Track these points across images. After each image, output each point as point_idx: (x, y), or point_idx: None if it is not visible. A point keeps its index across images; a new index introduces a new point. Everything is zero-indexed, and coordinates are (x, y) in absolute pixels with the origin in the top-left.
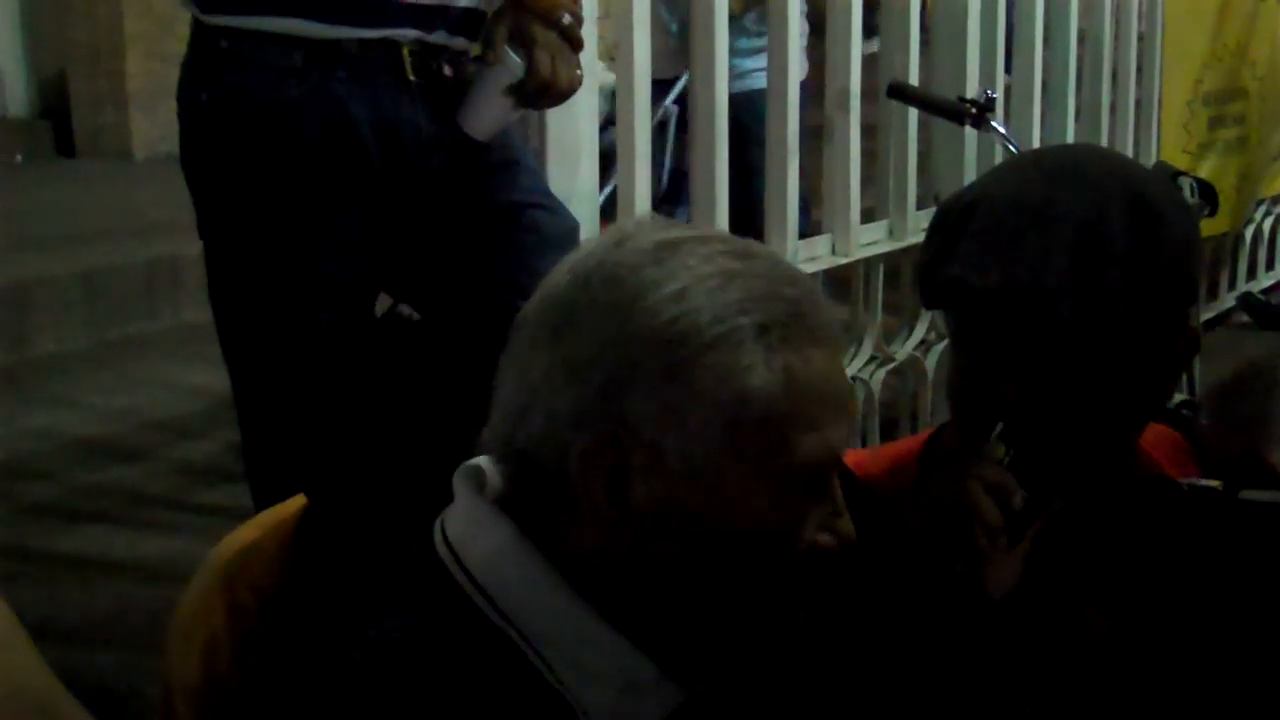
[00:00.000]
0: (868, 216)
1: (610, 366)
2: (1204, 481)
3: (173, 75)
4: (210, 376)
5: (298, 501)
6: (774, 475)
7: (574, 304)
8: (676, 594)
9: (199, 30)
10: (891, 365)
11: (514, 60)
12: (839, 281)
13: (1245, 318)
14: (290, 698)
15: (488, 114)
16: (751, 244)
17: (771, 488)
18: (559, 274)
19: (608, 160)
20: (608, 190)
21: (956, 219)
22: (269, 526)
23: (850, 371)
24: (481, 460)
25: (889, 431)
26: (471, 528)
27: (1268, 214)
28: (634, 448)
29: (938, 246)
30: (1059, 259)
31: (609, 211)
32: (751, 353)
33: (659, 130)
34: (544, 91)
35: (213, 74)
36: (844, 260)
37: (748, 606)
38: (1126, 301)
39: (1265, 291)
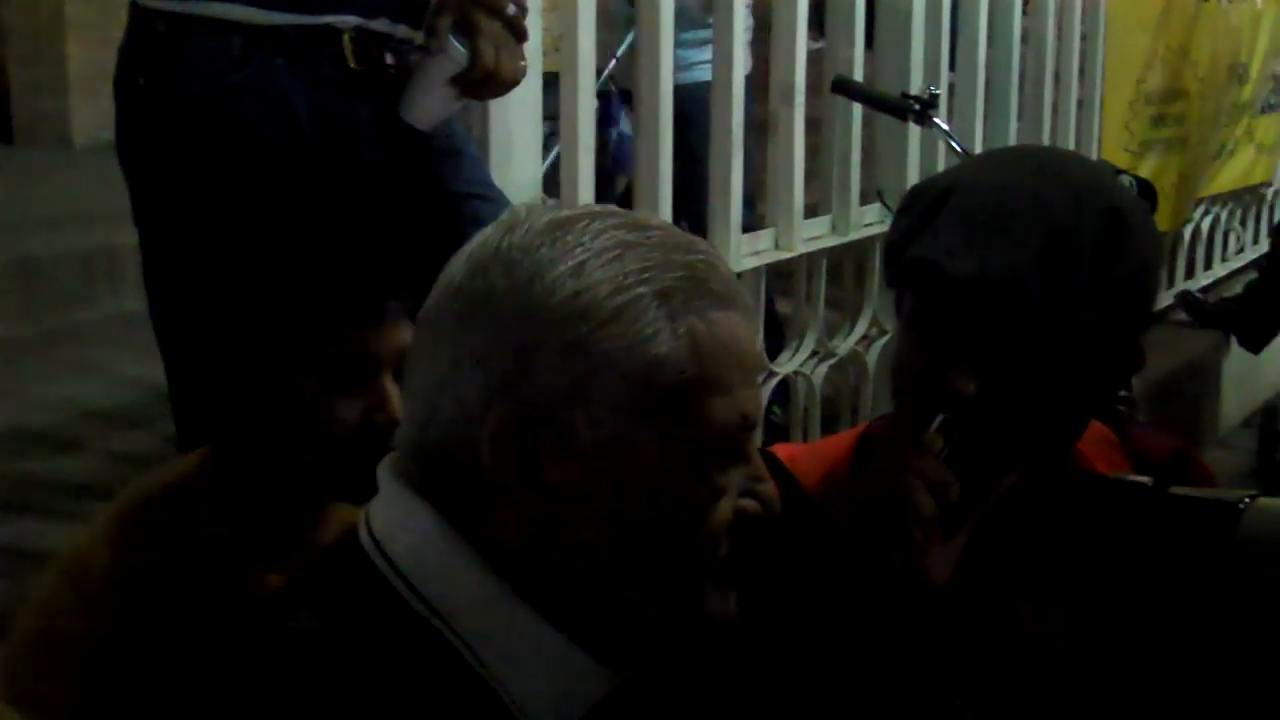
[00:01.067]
0: (811, 211)
1: (513, 349)
2: (1134, 477)
3: (113, 60)
4: (148, 367)
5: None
6: (688, 443)
7: (473, 293)
8: (602, 577)
9: (136, 14)
10: (833, 360)
11: (458, 50)
12: (782, 276)
13: (1183, 316)
14: (211, 689)
15: (430, 104)
16: (646, 216)
17: (687, 456)
18: (455, 266)
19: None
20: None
21: (931, 202)
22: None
23: (792, 366)
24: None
25: (830, 426)
26: (395, 518)
27: (1206, 213)
28: (544, 428)
29: (909, 227)
30: (1031, 254)
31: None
32: (654, 321)
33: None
34: (487, 82)
35: (150, 59)
36: (787, 255)
37: (677, 585)
38: (1091, 305)
39: (1203, 290)
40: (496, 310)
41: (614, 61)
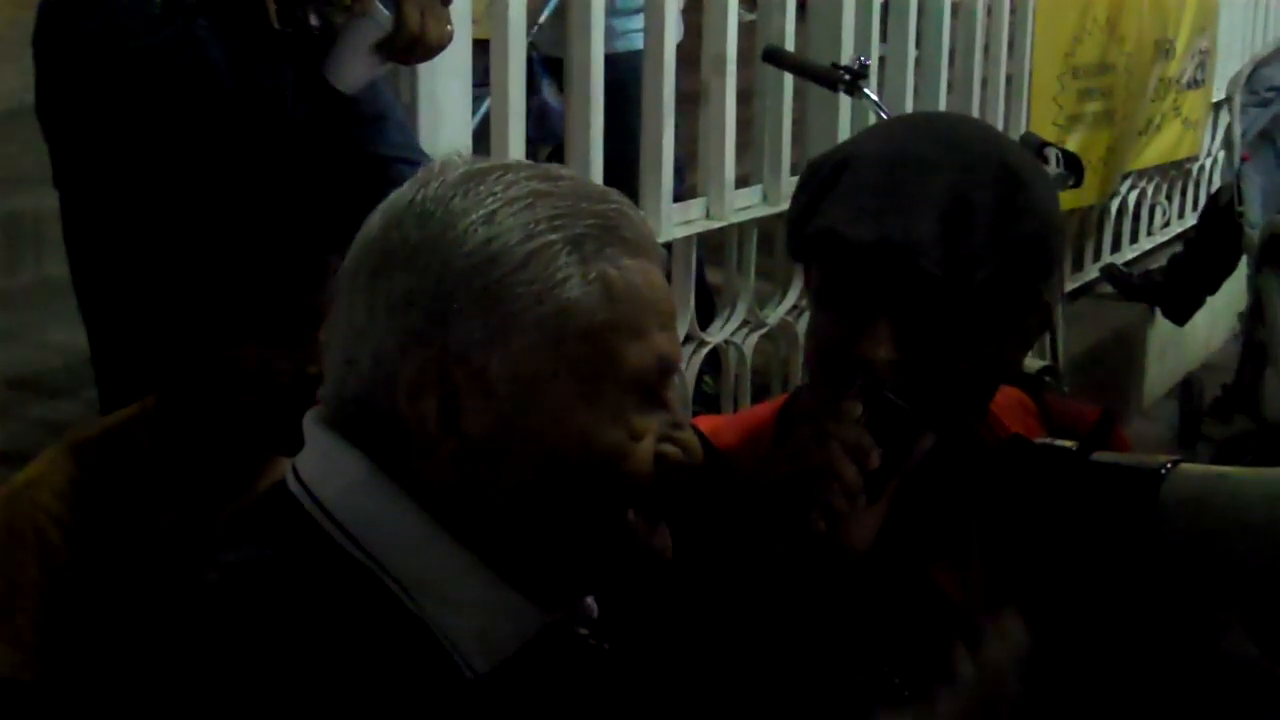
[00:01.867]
0: (742, 182)
1: (428, 298)
2: (1057, 442)
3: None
4: (72, 333)
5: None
6: (604, 387)
7: (388, 244)
8: (528, 520)
9: None
10: (763, 330)
11: (382, 13)
12: (712, 246)
13: (1109, 288)
14: (141, 622)
15: (355, 67)
16: (557, 167)
17: (604, 401)
18: (371, 221)
19: None
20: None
21: (828, 174)
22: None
23: (722, 336)
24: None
25: (760, 395)
26: (324, 465)
27: (1132, 188)
28: (460, 375)
29: (808, 200)
30: (929, 217)
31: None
32: (566, 266)
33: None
34: (412, 46)
35: (70, 19)
36: (718, 224)
37: (600, 527)
38: (988, 265)
39: (1128, 264)
40: (409, 260)
41: (536, 28)
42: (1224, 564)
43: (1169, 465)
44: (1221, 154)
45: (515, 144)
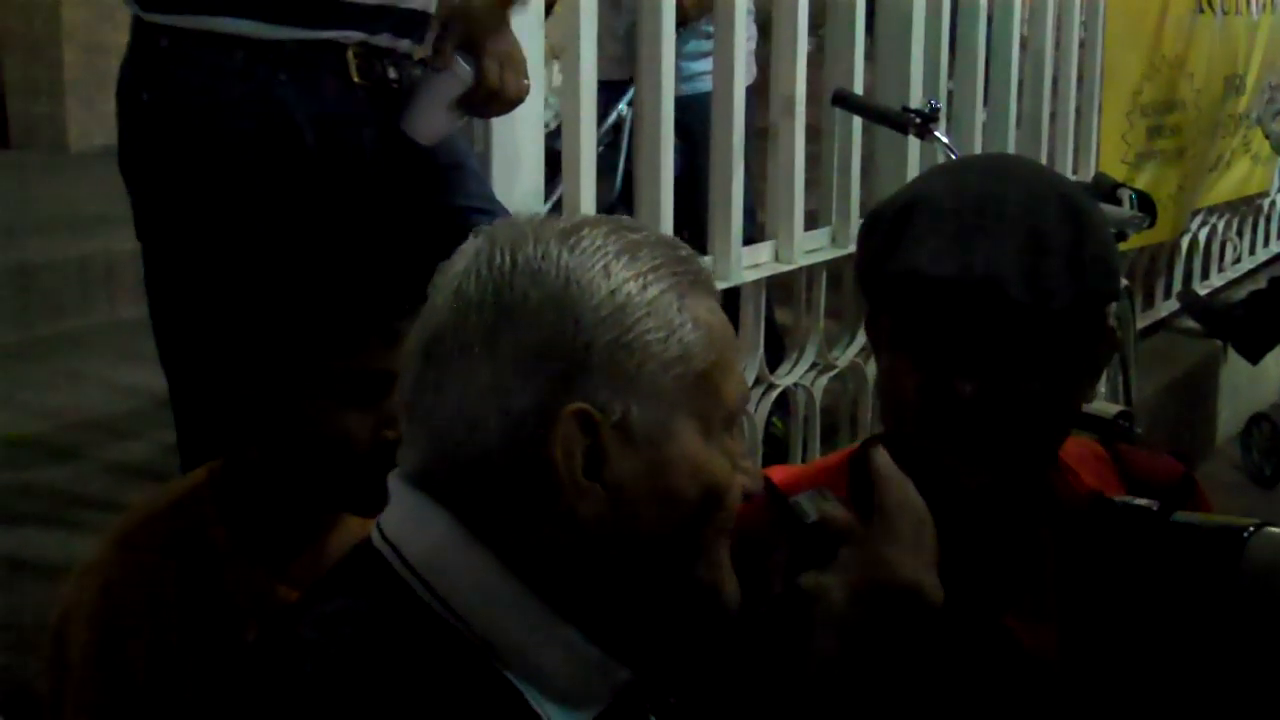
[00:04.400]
0: (810, 219)
1: (562, 353)
2: (1138, 501)
3: (110, 66)
4: (144, 375)
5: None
6: (714, 423)
7: (501, 307)
8: (646, 571)
9: (139, 28)
10: (833, 372)
11: (464, 69)
12: (781, 286)
13: (1182, 323)
14: (232, 695)
15: (433, 120)
16: (626, 219)
17: (715, 433)
18: (449, 286)
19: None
20: (554, 197)
21: (894, 219)
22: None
23: (792, 379)
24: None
25: (829, 437)
26: (410, 523)
27: (1203, 224)
28: (605, 424)
29: (881, 244)
30: (1007, 248)
31: None
32: (680, 313)
33: (614, 134)
34: (491, 100)
35: (153, 73)
36: (787, 268)
37: (709, 566)
38: (1066, 291)
39: None
40: (535, 319)
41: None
42: None
43: (1252, 529)
44: None
45: (586, 190)
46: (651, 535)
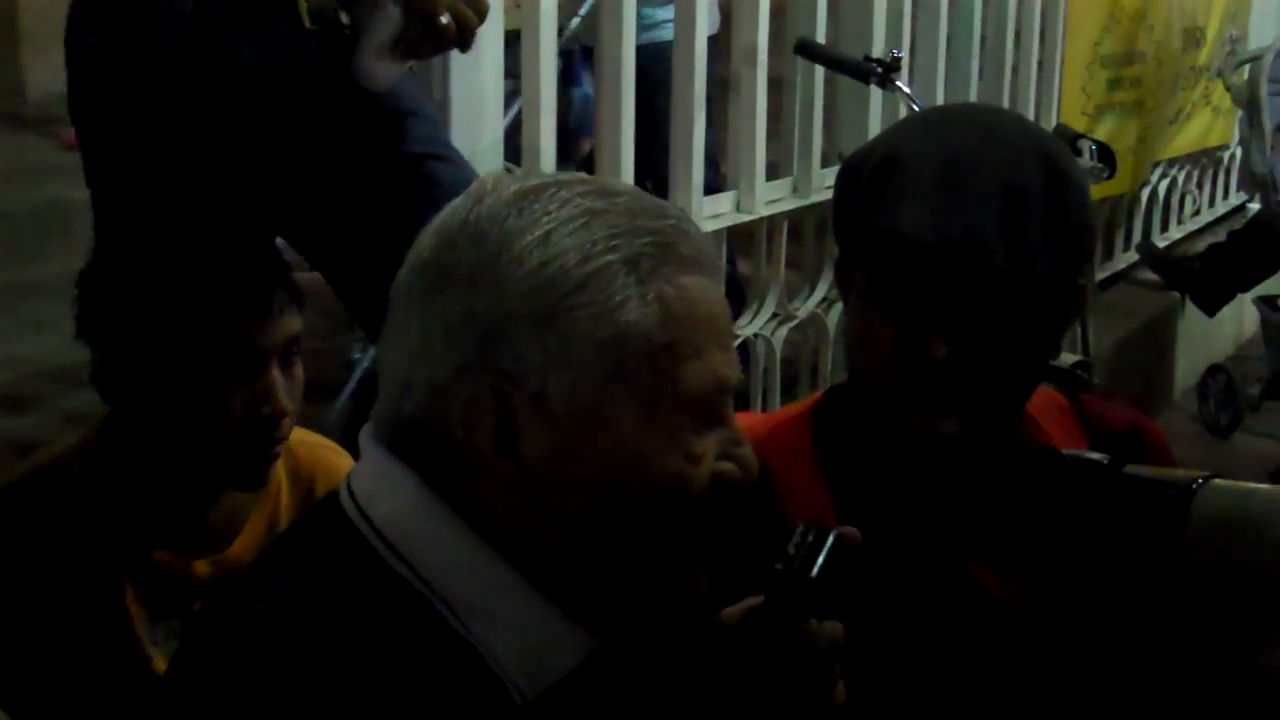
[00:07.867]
0: (772, 169)
1: (484, 321)
2: (1089, 454)
3: (66, 16)
4: None
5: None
6: (664, 409)
7: (442, 265)
8: (584, 544)
9: None
10: (793, 323)
11: (392, 8)
12: (742, 237)
13: (1140, 275)
14: (191, 651)
15: (379, 64)
16: (613, 183)
17: (664, 423)
18: (425, 239)
19: None
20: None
21: (874, 174)
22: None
23: (752, 329)
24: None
25: (789, 388)
26: (377, 482)
27: (1163, 176)
28: (518, 399)
29: (859, 201)
30: (988, 214)
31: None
32: (624, 288)
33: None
34: (426, 37)
35: (102, 16)
36: (748, 218)
37: (660, 550)
38: (1046, 256)
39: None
40: (465, 283)
41: (578, 19)
42: (1250, 581)
43: (1200, 481)
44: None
45: (547, 138)
46: (575, 519)
